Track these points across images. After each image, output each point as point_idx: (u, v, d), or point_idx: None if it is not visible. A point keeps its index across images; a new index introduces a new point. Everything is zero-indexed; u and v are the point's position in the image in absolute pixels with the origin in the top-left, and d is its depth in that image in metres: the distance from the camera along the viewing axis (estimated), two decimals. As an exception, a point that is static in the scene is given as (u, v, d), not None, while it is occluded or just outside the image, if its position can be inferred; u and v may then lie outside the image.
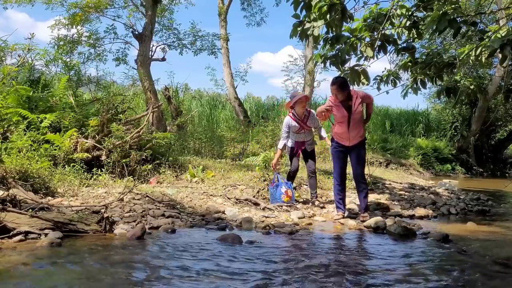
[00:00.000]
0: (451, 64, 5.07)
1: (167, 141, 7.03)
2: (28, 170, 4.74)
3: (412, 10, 4.92)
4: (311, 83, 14.60)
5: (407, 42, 5.30)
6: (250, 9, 17.00)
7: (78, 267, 2.76)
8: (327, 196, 6.31)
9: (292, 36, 4.75)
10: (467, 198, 7.14)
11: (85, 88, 8.75)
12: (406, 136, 17.68)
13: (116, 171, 5.87)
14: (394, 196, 6.82)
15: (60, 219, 3.54)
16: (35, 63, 7.93)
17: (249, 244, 3.53)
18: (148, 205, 4.61)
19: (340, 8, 4.25)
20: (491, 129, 18.72)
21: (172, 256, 3.09)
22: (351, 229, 4.51)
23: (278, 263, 3.08)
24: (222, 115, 16.44)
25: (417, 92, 5.54)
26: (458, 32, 4.36)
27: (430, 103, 21.04)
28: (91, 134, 6.11)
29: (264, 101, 21.40)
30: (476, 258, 3.45)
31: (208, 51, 14.41)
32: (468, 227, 4.82)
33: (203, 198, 5.31)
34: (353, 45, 5.03)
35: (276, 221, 4.53)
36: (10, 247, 3.06)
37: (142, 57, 11.17)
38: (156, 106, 7.93)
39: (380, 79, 5.70)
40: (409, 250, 3.62)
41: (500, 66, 12.87)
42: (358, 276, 2.84)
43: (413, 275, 2.91)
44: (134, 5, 12.93)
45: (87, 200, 4.71)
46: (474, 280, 2.85)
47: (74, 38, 12.55)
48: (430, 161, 15.67)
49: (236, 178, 6.40)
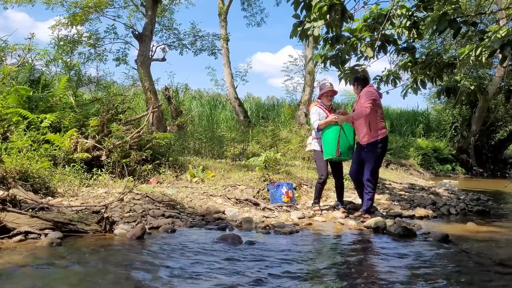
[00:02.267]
0: (451, 64, 5.07)
1: (167, 141, 7.03)
2: (28, 170, 4.74)
3: (412, 10, 4.92)
4: (311, 83, 14.62)
5: (407, 42, 5.30)
6: (250, 9, 17.04)
7: (78, 267, 2.76)
8: (327, 196, 6.31)
9: (292, 36, 4.75)
10: (467, 198, 7.14)
11: (85, 88, 8.76)
12: (406, 136, 17.70)
13: (116, 171, 5.87)
14: (394, 196, 6.82)
15: (60, 219, 3.54)
16: (35, 63, 7.94)
17: (249, 244, 3.53)
18: (148, 205, 4.61)
19: (340, 8, 4.25)
20: (491, 129, 18.74)
21: (172, 256, 3.09)
22: (351, 229, 4.51)
23: (277, 263, 3.08)
24: (222, 115, 16.44)
25: (417, 92, 5.54)
26: (458, 32, 4.36)
27: (430, 103, 21.09)
28: (91, 134, 6.11)
29: (264, 101, 21.45)
30: (476, 258, 3.44)
31: (208, 52, 14.44)
32: (468, 227, 4.82)
33: (203, 198, 5.31)
34: (353, 45, 5.04)
35: (276, 221, 4.53)
36: (10, 247, 3.06)
37: (142, 57, 11.18)
38: (156, 106, 7.94)
39: (380, 79, 5.70)
40: (409, 250, 3.62)
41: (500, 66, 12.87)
42: (357, 276, 2.84)
43: (413, 275, 2.91)
44: (134, 5, 12.94)
45: (87, 200, 4.71)
46: (474, 280, 2.85)
47: (74, 38, 12.56)
48: (430, 162, 15.68)
49: (236, 178, 6.40)
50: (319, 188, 5.36)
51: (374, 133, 4.84)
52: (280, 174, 6.82)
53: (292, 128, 12.14)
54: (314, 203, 5.38)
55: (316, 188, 5.43)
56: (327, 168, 5.30)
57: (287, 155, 9.25)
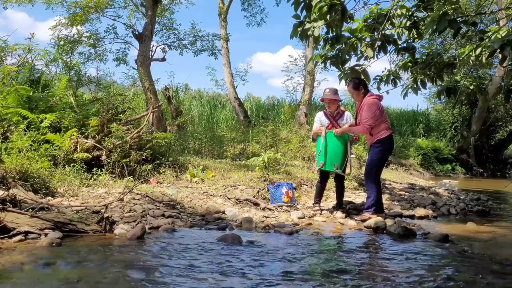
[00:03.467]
0: (451, 64, 5.07)
1: (167, 141, 7.02)
2: (28, 170, 4.73)
3: (412, 10, 4.92)
4: (311, 83, 14.63)
5: (407, 42, 5.30)
6: (251, 9, 17.03)
7: (78, 267, 2.76)
8: (327, 196, 6.31)
9: (292, 37, 4.75)
10: (467, 198, 7.14)
11: (85, 88, 8.76)
12: (406, 136, 17.69)
13: (116, 171, 5.86)
14: (394, 196, 6.82)
15: (60, 219, 3.54)
16: (35, 63, 7.94)
17: (249, 244, 3.53)
18: (148, 205, 4.61)
19: (340, 8, 4.25)
20: (491, 129, 18.74)
21: (172, 256, 3.09)
22: (351, 229, 4.51)
23: (277, 263, 3.08)
24: (222, 115, 16.45)
25: (417, 92, 5.54)
26: (458, 32, 4.36)
27: (430, 103, 21.10)
28: (91, 134, 6.11)
29: (264, 101, 21.45)
30: (476, 258, 3.45)
31: (208, 52, 14.44)
32: (468, 227, 4.82)
33: (203, 198, 5.31)
34: (353, 45, 5.03)
35: (276, 221, 4.54)
36: (10, 247, 3.05)
37: (142, 57, 11.19)
38: (156, 106, 7.94)
39: (380, 79, 5.70)
40: (409, 250, 3.62)
41: (500, 66, 12.87)
42: (357, 276, 2.84)
43: (413, 275, 2.91)
44: (134, 5, 12.94)
45: (87, 200, 4.70)
46: (474, 280, 2.85)
47: (75, 38, 12.56)
48: (430, 161, 15.68)
49: (236, 178, 6.40)
50: (319, 187, 5.37)
51: (375, 136, 4.91)
52: (280, 174, 6.82)
53: (292, 128, 12.14)
54: (315, 203, 5.38)
55: (316, 187, 5.43)
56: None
57: (287, 155, 9.24)
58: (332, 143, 5.06)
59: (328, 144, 5.05)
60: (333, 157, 5.05)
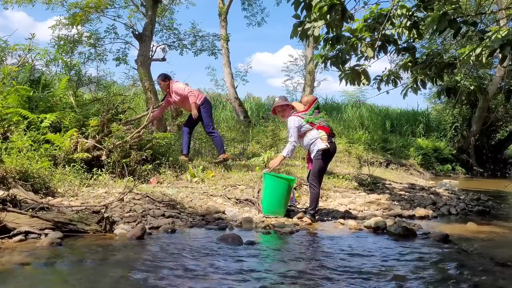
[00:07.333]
0: (452, 64, 5.07)
1: (167, 141, 7.02)
2: (28, 170, 4.73)
3: (413, 10, 4.91)
4: (311, 83, 14.62)
5: (408, 42, 5.30)
6: (251, 9, 17.00)
7: (78, 267, 2.76)
8: (327, 196, 6.31)
9: (292, 37, 4.74)
10: (467, 198, 7.14)
11: (85, 88, 8.73)
12: (406, 136, 17.68)
13: (116, 171, 5.86)
14: (394, 196, 6.82)
15: (60, 219, 3.54)
16: (35, 63, 7.93)
17: (249, 244, 3.53)
18: (148, 205, 4.61)
19: (340, 8, 4.25)
20: (492, 129, 18.74)
21: (172, 256, 3.09)
22: (351, 229, 4.51)
23: (278, 263, 3.08)
24: (222, 115, 16.45)
25: (417, 92, 5.53)
26: (458, 32, 4.36)
27: (430, 103, 21.09)
28: (91, 134, 6.10)
29: (264, 101, 21.41)
30: (476, 258, 3.45)
31: (208, 52, 14.41)
32: (468, 227, 4.82)
33: (203, 198, 5.31)
34: (354, 45, 5.03)
35: (276, 221, 4.53)
36: (10, 247, 3.06)
37: (143, 57, 11.17)
38: (156, 106, 7.92)
39: (381, 79, 5.69)
40: (409, 250, 3.62)
41: (500, 66, 12.89)
42: (357, 277, 2.84)
43: (413, 275, 2.91)
44: (135, 5, 12.93)
45: (87, 200, 4.70)
46: (474, 280, 2.85)
47: (75, 38, 12.55)
48: (430, 161, 15.68)
49: (236, 178, 6.40)
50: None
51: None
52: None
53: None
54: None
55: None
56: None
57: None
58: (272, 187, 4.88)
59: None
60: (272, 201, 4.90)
